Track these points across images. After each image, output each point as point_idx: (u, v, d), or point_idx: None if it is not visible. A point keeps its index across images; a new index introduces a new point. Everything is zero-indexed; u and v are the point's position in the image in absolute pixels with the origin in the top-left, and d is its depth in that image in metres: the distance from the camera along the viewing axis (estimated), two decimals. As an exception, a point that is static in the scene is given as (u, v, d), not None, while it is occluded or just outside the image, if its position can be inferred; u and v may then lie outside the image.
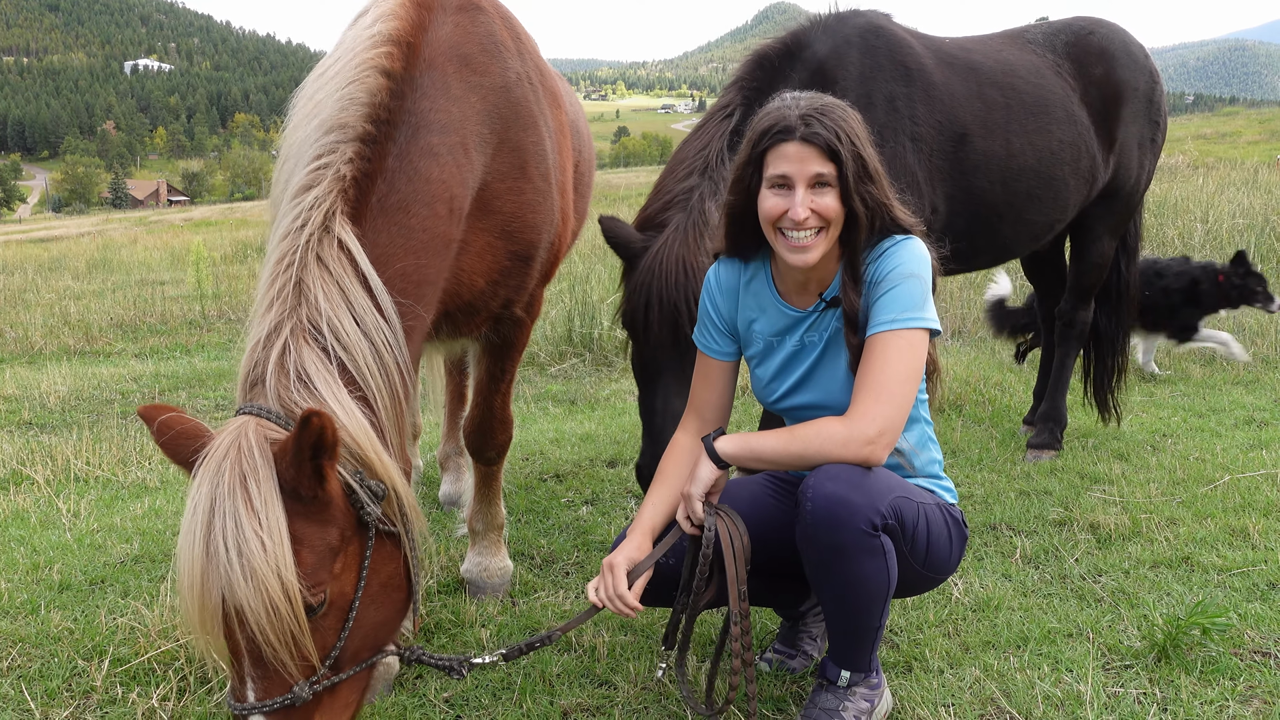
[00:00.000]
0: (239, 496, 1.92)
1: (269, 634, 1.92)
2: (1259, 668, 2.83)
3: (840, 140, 2.38)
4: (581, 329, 8.35)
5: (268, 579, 1.89)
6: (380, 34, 2.58)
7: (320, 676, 2.05)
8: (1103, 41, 4.94)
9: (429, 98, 2.60)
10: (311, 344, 2.18)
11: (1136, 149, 5.06)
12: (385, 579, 2.21)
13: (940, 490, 2.66)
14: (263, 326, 2.20)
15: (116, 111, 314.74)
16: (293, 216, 2.30)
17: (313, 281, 2.22)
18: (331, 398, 2.13)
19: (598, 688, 2.89)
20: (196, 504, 1.94)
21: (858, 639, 2.48)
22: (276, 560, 1.90)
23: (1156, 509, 4.13)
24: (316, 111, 2.48)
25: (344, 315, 2.23)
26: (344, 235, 2.29)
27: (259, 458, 1.96)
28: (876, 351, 2.42)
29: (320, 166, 2.36)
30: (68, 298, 14.46)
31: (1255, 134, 44.65)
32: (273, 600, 1.89)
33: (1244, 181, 14.45)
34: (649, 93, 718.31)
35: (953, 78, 4.36)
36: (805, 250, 2.45)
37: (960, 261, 4.63)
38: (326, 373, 2.16)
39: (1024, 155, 4.51)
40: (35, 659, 3.08)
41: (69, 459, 5.39)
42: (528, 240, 2.99)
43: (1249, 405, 5.91)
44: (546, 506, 4.54)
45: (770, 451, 2.46)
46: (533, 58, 3.15)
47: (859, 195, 2.41)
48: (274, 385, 2.12)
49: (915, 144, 4.16)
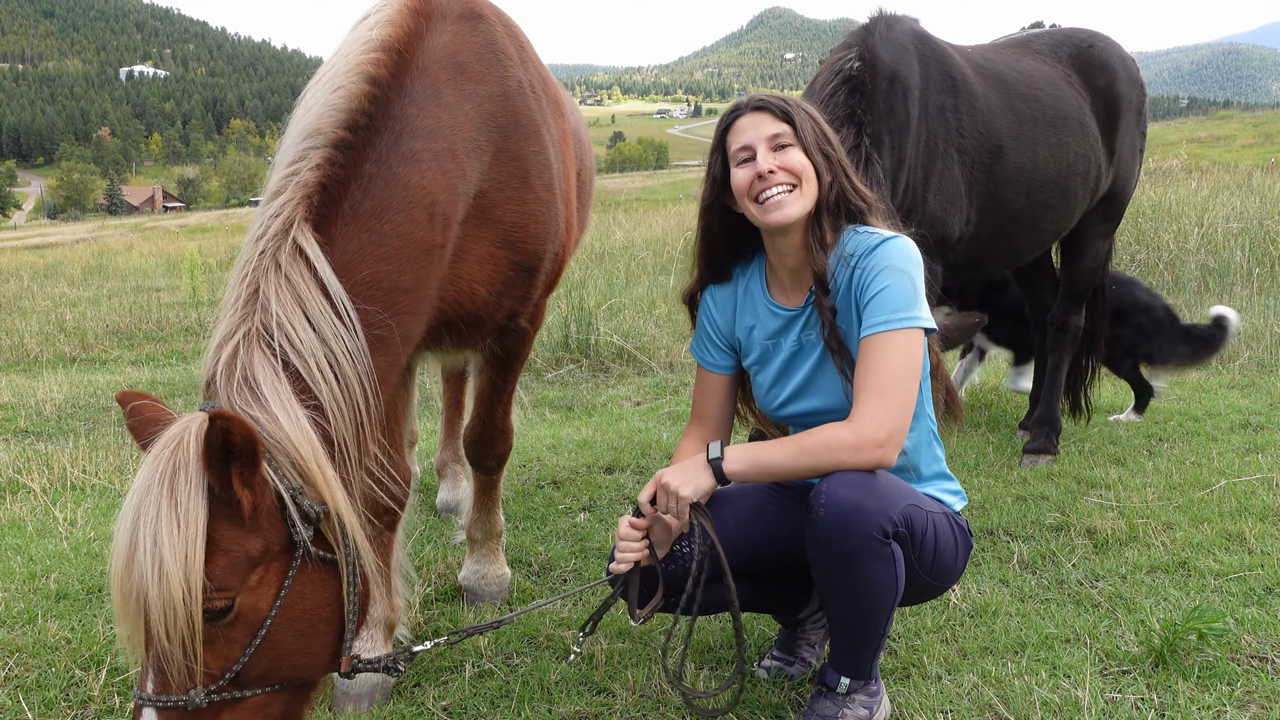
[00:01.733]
0: (166, 487, 1.93)
1: (165, 628, 1.92)
2: (1256, 673, 2.84)
3: (790, 105, 2.54)
4: (578, 335, 8.35)
5: (171, 571, 1.88)
6: (372, 40, 2.58)
7: (219, 688, 2.02)
8: (1102, 55, 5.04)
9: (417, 104, 2.58)
10: (263, 349, 2.16)
11: (1130, 159, 5.17)
12: (310, 606, 2.15)
13: (947, 494, 2.67)
14: (219, 330, 2.21)
15: (112, 118, 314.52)
16: (259, 224, 2.30)
17: (268, 287, 2.21)
18: (276, 403, 2.10)
19: (596, 695, 2.89)
20: (134, 489, 1.97)
21: (861, 646, 2.48)
22: (184, 555, 1.89)
23: (1153, 514, 4.14)
24: (304, 118, 2.48)
25: (298, 320, 2.20)
26: (302, 240, 2.26)
27: (192, 454, 1.96)
28: (874, 353, 2.42)
29: (290, 173, 2.35)
30: (63, 304, 14.44)
31: (1249, 137, 44.78)
32: (172, 594, 1.89)
33: (1238, 185, 14.47)
34: (645, 98, 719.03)
35: (989, 89, 4.44)
36: (780, 207, 2.49)
37: (974, 269, 4.73)
38: (275, 378, 2.13)
39: (1047, 167, 4.60)
40: (32, 668, 3.07)
41: (65, 467, 5.37)
42: (531, 250, 2.97)
43: (1244, 409, 5.92)
44: (544, 513, 4.54)
45: (779, 465, 2.44)
46: (536, 67, 3.13)
47: (821, 151, 2.53)
48: (222, 388, 2.12)
49: (960, 156, 4.25)
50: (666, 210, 22.65)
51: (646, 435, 5.78)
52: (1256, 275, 9.72)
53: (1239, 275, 9.86)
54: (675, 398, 6.99)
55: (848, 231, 2.58)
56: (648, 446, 5.50)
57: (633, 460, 5.24)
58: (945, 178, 4.15)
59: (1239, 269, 9.97)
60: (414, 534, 4.29)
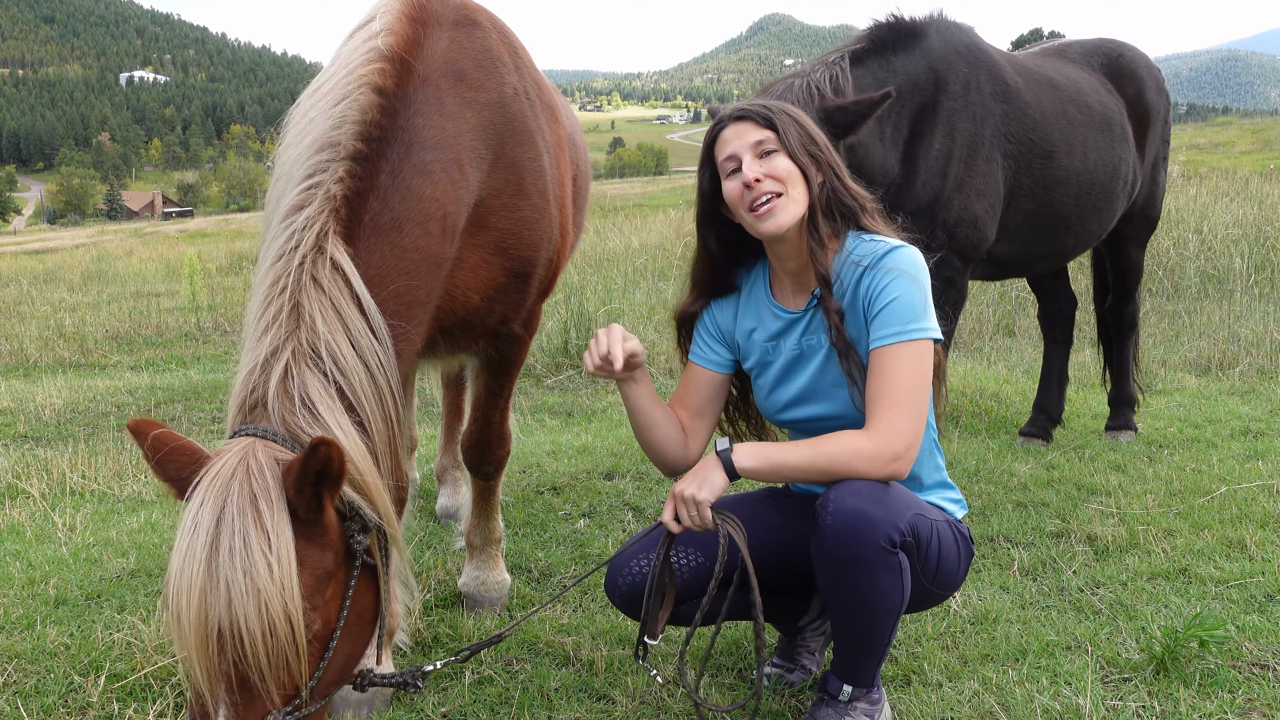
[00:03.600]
0: (249, 516, 1.91)
1: (263, 657, 1.89)
2: (1258, 680, 2.83)
3: (772, 110, 2.52)
4: (578, 341, 8.33)
5: (271, 600, 1.87)
6: (374, 50, 2.57)
7: (296, 705, 2.02)
8: (1131, 65, 5.24)
9: (423, 114, 2.58)
10: (313, 368, 2.17)
11: (1157, 166, 5.43)
12: (361, 610, 2.20)
13: (948, 503, 2.67)
14: (260, 349, 2.18)
15: (112, 123, 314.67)
16: (285, 237, 2.29)
17: (310, 304, 2.22)
18: (334, 423, 2.13)
19: (596, 702, 2.89)
20: (199, 522, 1.92)
21: (864, 654, 2.48)
22: (281, 581, 1.89)
23: (1154, 520, 4.13)
24: (309, 129, 2.47)
25: (341, 339, 2.22)
26: (338, 256, 2.28)
27: (270, 478, 1.95)
28: (886, 364, 2.41)
29: (311, 186, 2.35)
30: (63, 310, 14.44)
31: (1248, 144, 44.81)
32: (274, 622, 1.87)
33: (1237, 191, 14.51)
34: (644, 104, 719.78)
35: (1041, 96, 4.60)
36: (773, 214, 2.48)
37: (1022, 269, 4.97)
38: (329, 398, 2.15)
39: (1095, 171, 4.78)
40: (31, 675, 3.06)
41: (65, 472, 5.36)
42: (525, 257, 2.97)
43: (1244, 416, 5.92)
44: (544, 519, 4.53)
45: (793, 466, 2.42)
46: (530, 73, 3.13)
47: (807, 153, 2.51)
48: (277, 409, 2.11)
49: (1006, 160, 4.39)
50: (666, 216, 22.63)
51: (646, 441, 5.76)
52: (1255, 282, 9.73)
53: (1238, 282, 9.87)
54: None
55: (852, 237, 2.58)
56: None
57: (632, 466, 5.23)
58: (989, 181, 4.31)
59: (1238, 275, 9.98)
60: (413, 540, 4.28)
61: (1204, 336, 8.30)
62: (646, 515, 4.51)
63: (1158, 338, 8.58)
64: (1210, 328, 8.57)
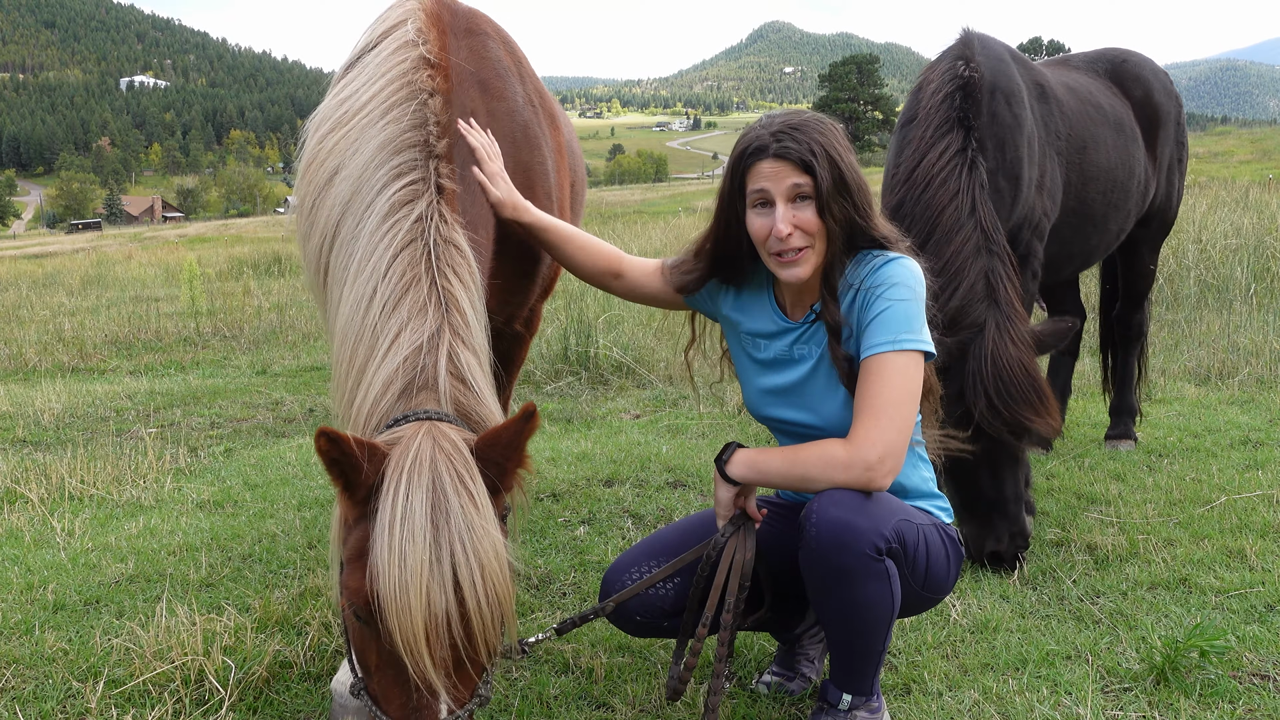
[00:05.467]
0: (464, 497, 1.95)
1: (491, 633, 1.94)
2: (1258, 690, 2.83)
3: (815, 154, 2.40)
4: (578, 347, 8.34)
5: (497, 578, 1.92)
6: (421, 57, 2.63)
7: (484, 679, 2.09)
8: (1136, 68, 5.27)
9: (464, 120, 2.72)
10: (469, 349, 2.27)
11: (1171, 169, 5.43)
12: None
13: (936, 510, 2.66)
14: (419, 333, 2.23)
15: (112, 128, 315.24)
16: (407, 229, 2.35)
17: (455, 290, 2.32)
18: (490, 400, 2.25)
19: (595, 710, 2.88)
20: (411, 508, 1.92)
21: (860, 662, 2.48)
22: (495, 555, 1.94)
23: (1154, 530, 4.13)
24: (369, 133, 2.50)
25: (478, 323, 2.35)
26: (464, 245, 2.39)
27: (468, 457, 2.01)
28: (873, 374, 2.41)
29: (414, 181, 2.41)
30: (62, 314, 14.45)
31: (1247, 153, 44.96)
32: (500, 597, 1.93)
33: (1236, 201, 14.51)
34: (644, 110, 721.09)
35: (1067, 96, 4.66)
36: (795, 265, 2.46)
37: (1050, 271, 4.82)
38: (483, 377, 2.27)
39: (1117, 169, 4.82)
40: (29, 680, 3.06)
41: (63, 477, 5.36)
42: (531, 257, 3.06)
43: (1244, 425, 5.92)
44: (543, 526, 4.52)
45: (774, 472, 2.48)
46: (532, 81, 3.20)
47: (830, 207, 2.42)
48: (448, 389, 2.19)
49: (1059, 158, 4.44)
50: (665, 223, 22.69)
51: (646, 448, 5.77)
52: (1255, 291, 9.73)
53: (1238, 291, 9.88)
54: (675, 410, 6.99)
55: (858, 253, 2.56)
56: (647, 459, 5.49)
57: (632, 473, 5.23)
58: (1052, 176, 4.36)
59: (1238, 285, 9.98)
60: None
61: (1204, 346, 8.30)
62: (646, 522, 4.51)
63: (1157, 347, 8.57)
64: (1210, 337, 8.57)
